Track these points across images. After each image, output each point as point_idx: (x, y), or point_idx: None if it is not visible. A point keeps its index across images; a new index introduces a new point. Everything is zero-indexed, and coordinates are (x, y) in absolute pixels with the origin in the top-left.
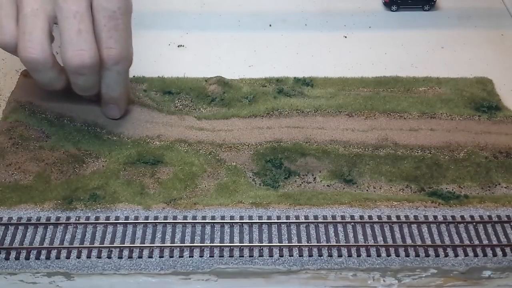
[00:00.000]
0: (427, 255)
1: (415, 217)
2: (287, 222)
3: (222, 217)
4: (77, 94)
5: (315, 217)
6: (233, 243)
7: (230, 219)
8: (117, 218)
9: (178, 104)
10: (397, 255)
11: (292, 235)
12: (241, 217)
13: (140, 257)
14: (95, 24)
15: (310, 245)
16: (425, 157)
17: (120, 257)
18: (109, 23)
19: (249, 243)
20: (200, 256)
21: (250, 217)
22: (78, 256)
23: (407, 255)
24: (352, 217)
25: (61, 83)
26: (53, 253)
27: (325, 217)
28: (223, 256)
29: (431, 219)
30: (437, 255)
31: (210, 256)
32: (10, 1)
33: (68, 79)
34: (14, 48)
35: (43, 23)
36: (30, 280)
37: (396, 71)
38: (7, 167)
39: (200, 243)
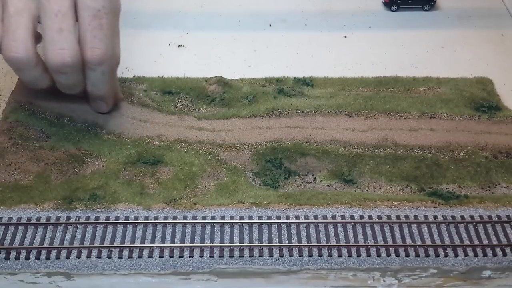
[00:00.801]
0: (427, 255)
1: (415, 217)
2: (287, 222)
3: (222, 217)
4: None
5: (315, 217)
6: (233, 243)
7: (230, 219)
8: (117, 218)
9: (178, 104)
10: (397, 255)
11: (292, 235)
12: (241, 217)
13: (140, 257)
14: (79, 23)
15: (310, 245)
16: (425, 157)
17: (120, 257)
18: (93, 22)
19: (249, 243)
20: (200, 256)
21: (250, 217)
22: (78, 256)
23: (407, 255)
24: (352, 217)
25: (45, 82)
26: (53, 253)
27: (325, 217)
28: (223, 256)
29: (431, 219)
30: (437, 255)
31: (210, 256)
32: None
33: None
34: None
35: (27, 22)
36: (30, 280)
37: (396, 71)
38: (7, 167)
39: (200, 243)
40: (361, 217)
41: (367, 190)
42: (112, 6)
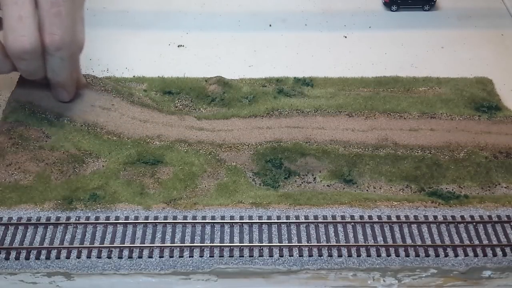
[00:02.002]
0: (427, 255)
1: (415, 217)
2: (287, 222)
3: (222, 217)
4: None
5: (315, 217)
6: (233, 243)
7: (230, 219)
8: (117, 218)
9: (178, 104)
10: (397, 255)
11: (292, 235)
12: (241, 217)
13: (140, 257)
14: (39, 10)
15: (310, 245)
16: (425, 157)
17: (120, 257)
18: (52, 9)
19: (249, 243)
20: (200, 256)
21: (250, 217)
22: (78, 256)
23: (407, 255)
24: (352, 217)
25: (7, 67)
26: (53, 253)
27: (325, 217)
28: (223, 256)
29: (431, 219)
30: (437, 255)
31: (210, 256)
32: None
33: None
34: None
35: None
36: (30, 280)
37: (396, 71)
38: (7, 167)
39: (200, 243)
40: (361, 217)
41: (367, 190)
42: None
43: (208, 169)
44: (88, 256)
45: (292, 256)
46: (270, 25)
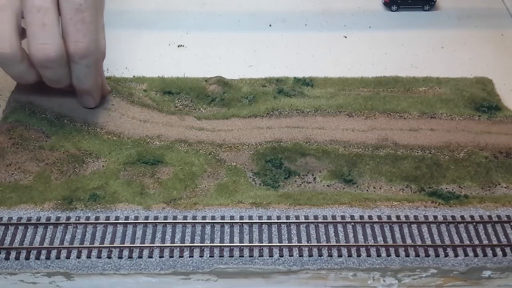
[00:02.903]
0: (427, 255)
1: (415, 217)
2: (287, 222)
3: (222, 217)
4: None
5: (315, 217)
6: (233, 243)
7: (230, 219)
8: (117, 218)
9: (178, 104)
10: (397, 255)
11: (292, 235)
12: (241, 217)
13: (140, 257)
14: (62, 18)
15: (310, 245)
16: (425, 157)
17: (120, 257)
18: (75, 16)
19: (249, 243)
20: (200, 256)
21: (250, 217)
22: (78, 256)
23: (407, 255)
24: (352, 217)
25: (32, 77)
26: (53, 253)
27: (325, 217)
28: (223, 256)
29: (431, 219)
30: (437, 255)
31: (210, 256)
32: None
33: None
34: None
35: (10, 17)
36: (30, 280)
37: (396, 71)
38: (7, 167)
39: (200, 243)
40: (361, 217)
41: (367, 190)
42: (93, 0)
43: (208, 169)
44: (88, 256)
45: (292, 256)
46: (270, 25)
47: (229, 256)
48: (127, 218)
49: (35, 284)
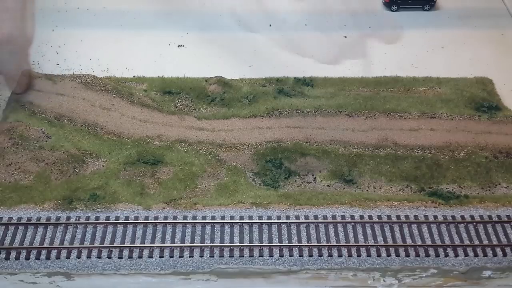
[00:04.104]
0: (427, 255)
1: (415, 217)
2: (287, 222)
3: (222, 217)
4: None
5: (315, 217)
6: (233, 243)
7: (230, 219)
8: (117, 218)
9: (178, 104)
10: (397, 255)
11: (292, 235)
12: (241, 217)
13: (140, 257)
14: None
15: (310, 245)
16: (425, 157)
17: (120, 257)
18: None
19: (249, 243)
20: (200, 256)
21: (250, 217)
22: (78, 256)
23: (407, 255)
24: (352, 217)
25: None
26: (53, 253)
27: (325, 217)
28: (223, 256)
29: (431, 219)
30: (437, 255)
31: (210, 256)
32: None
33: None
34: None
35: None
36: (30, 280)
37: (396, 71)
38: (7, 167)
39: (200, 243)
40: (361, 217)
41: (367, 190)
42: None
43: (208, 169)
44: (88, 256)
45: (292, 256)
46: (270, 25)
47: (229, 256)
48: (127, 218)
49: (35, 284)
